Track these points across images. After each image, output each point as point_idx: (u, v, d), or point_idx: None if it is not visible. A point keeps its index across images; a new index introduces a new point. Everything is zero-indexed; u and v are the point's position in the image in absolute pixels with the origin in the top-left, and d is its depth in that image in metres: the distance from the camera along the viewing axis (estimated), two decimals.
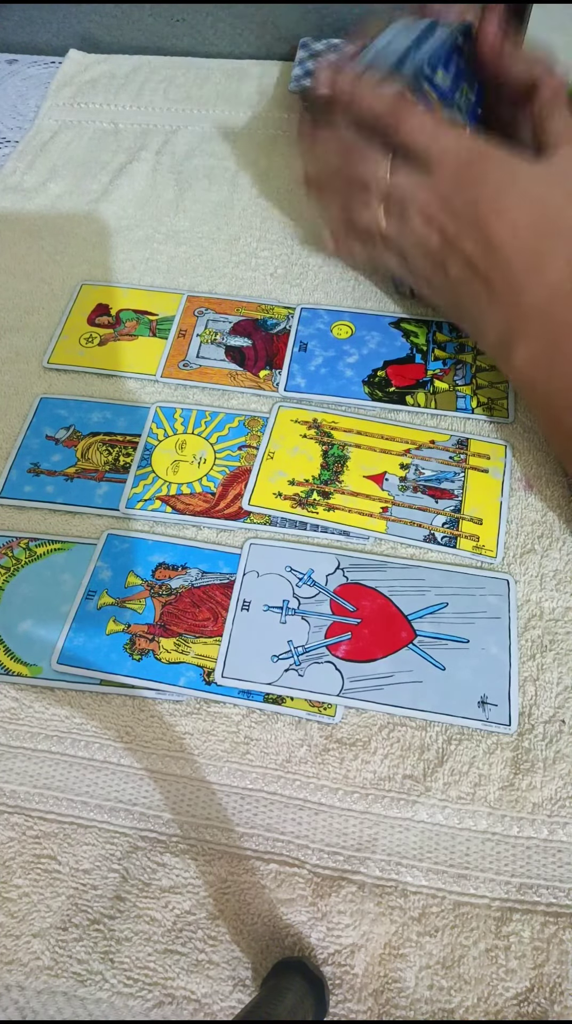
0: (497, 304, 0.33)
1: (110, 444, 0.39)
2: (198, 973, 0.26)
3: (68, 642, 0.33)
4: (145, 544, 0.36)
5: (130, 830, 0.29)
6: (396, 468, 0.37)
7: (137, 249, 0.48)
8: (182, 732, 0.31)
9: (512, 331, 0.33)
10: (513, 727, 0.30)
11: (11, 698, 0.32)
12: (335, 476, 0.37)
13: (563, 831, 0.28)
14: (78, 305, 0.45)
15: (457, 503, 0.36)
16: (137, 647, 0.33)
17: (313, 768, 0.30)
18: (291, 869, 0.28)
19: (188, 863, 0.28)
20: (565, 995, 0.26)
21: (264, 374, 0.41)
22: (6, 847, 0.29)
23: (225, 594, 0.34)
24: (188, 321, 0.44)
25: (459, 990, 0.26)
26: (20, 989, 0.26)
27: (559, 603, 0.33)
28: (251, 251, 0.47)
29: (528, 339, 0.33)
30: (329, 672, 0.31)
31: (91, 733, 0.31)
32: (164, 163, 0.53)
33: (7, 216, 0.50)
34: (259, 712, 0.31)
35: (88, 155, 0.54)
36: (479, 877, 0.28)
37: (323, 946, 0.27)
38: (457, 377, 0.40)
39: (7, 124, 0.57)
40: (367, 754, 0.30)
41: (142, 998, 0.26)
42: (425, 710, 0.30)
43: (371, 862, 0.28)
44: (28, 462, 0.38)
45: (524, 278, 0.32)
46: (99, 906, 0.28)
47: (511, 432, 0.38)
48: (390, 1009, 0.26)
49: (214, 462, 0.38)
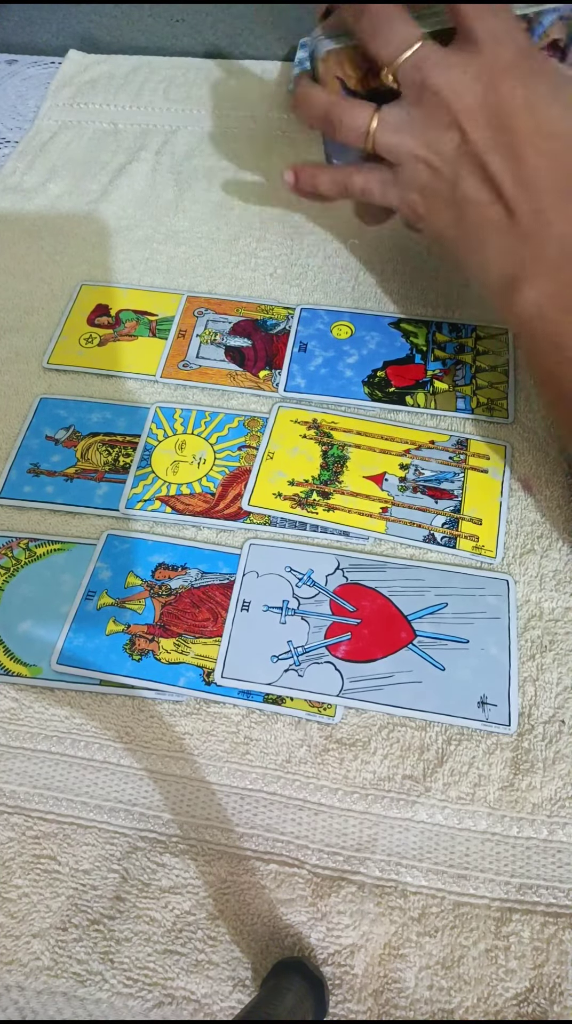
0: (513, 235, 0.29)
1: (110, 444, 0.39)
2: (198, 973, 0.26)
3: (68, 642, 0.33)
4: (145, 544, 0.36)
5: (130, 830, 0.29)
6: (396, 468, 0.37)
7: (137, 249, 0.48)
8: (182, 732, 0.31)
9: (525, 267, 0.29)
10: (513, 727, 0.30)
11: (11, 698, 0.32)
12: (335, 476, 0.37)
13: (563, 831, 0.28)
14: (78, 305, 0.45)
15: (457, 503, 0.36)
16: (137, 647, 0.33)
17: (313, 768, 0.30)
18: (291, 869, 0.28)
19: (188, 863, 0.28)
20: (565, 995, 0.26)
21: (264, 374, 0.41)
22: (6, 847, 0.29)
23: (225, 594, 0.34)
24: (188, 321, 0.44)
25: (459, 990, 0.26)
26: (20, 989, 0.26)
27: (559, 603, 0.33)
28: (251, 251, 0.47)
29: (543, 278, 0.29)
30: (329, 672, 0.31)
31: (91, 733, 0.31)
32: (164, 163, 0.53)
33: (7, 216, 0.50)
34: (259, 712, 0.31)
35: (88, 155, 0.54)
36: (479, 877, 0.28)
37: (323, 946, 0.27)
38: (457, 377, 0.40)
39: (7, 124, 0.57)
40: (367, 754, 0.30)
41: (142, 998, 0.26)
42: (425, 710, 0.30)
43: (371, 862, 0.28)
44: (28, 462, 0.38)
45: (555, 210, 0.28)
46: (99, 906, 0.28)
47: (511, 432, 0.38)
48: (390, 1009, 0.26)
49: (214, 462, 0.38)
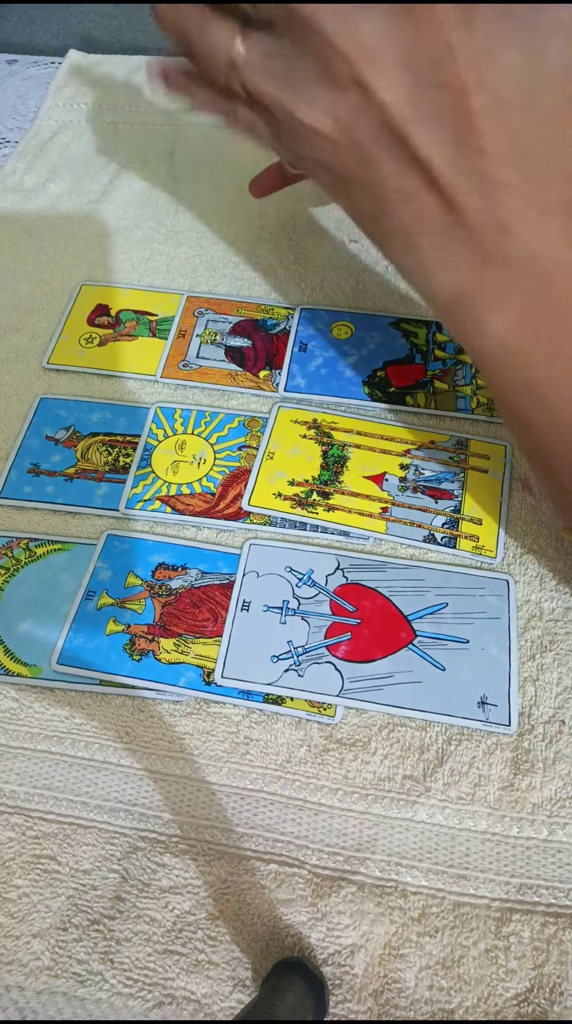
0: (461, 241, 0.21)
1: (110, 444, 0.39)
2: (198, 973, 0.26)
3: (68, 642, 0.33)
4: (145, 544, 0.36)
5: (130, 830, 0.29)
6: (396, 468, 0.37)
7: (137, 249, 0.48)
8: (182, 732, 0.31)
9: (485, 290, 0.22)
10: (513, 727, 0.30)
11: (11, 698, 0.32)
12: (335, 476, 0.37)
13: (563, 831, 0.28)
14: (78, 305, 0.45)
15: (457, 503, 0.36)
16: (137, 647, 0.33)
17: (313, 768, 0.30)
18: (291, 869, 0.28)
19: (188, 863, 0.28)
20: (565, 995, 0.26)
21: (264, 374, 0.41)
22: (6, 847, 0.29)
23: (225, 594, 0.34)
24: (188, 321, 0.44)
25: (459, 990, 0.26)
26: (20, 989, 0.26)
27: (559, 603, 0.33)
28: (251, 251, 0.47)
29: (511, 309, 0.22)
30: (329, 672, 0.31)
31: (91, 733, 0.31)
32: (164, 163, 0.53)
33: (7, 216, 0.50)
34: (259, 712, 0.31)
35: (88, 155, 0.54)
36: (479, 877, 0.28)
37: (323, 946, 0.27)
38: (457, 377, 0.40)
39: (7, 124, 0.57)
40: (367, 754, 0.30)
41: (142, 998, 0.26)
42: (425, 710, 0.30)
43: (371, 862, 0.28)
44: (28, 462, 0.38)
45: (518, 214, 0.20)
46: (99, 906, 0.28)
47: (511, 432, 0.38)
48: (390, 1009, 0.26)
49: (214, 462, 0.38)
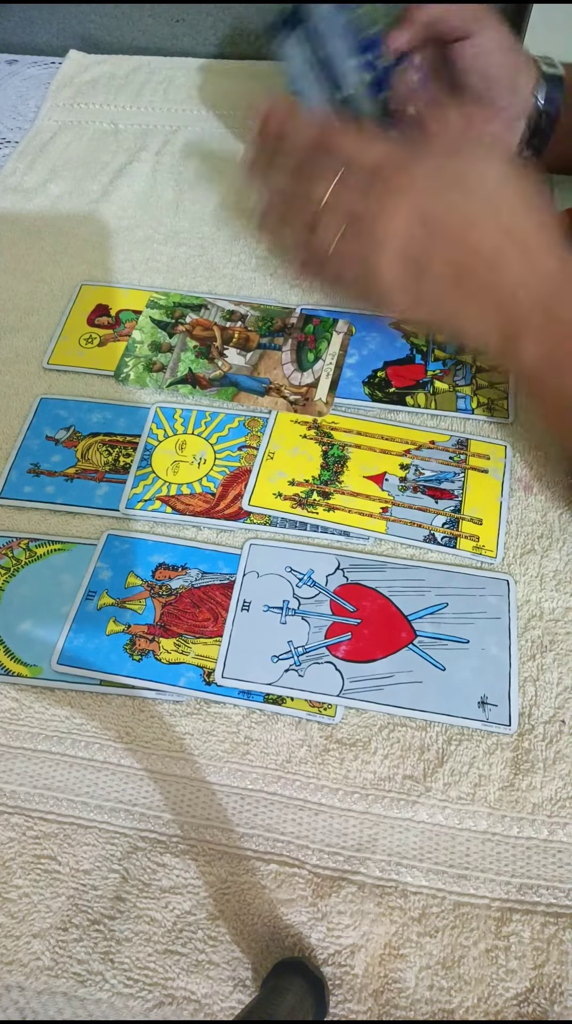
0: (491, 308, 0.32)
1: (110, 444, 0.39)
2: (198, 973, 0.26)
3: (68, 642, 0.33)
4: (145, 544, 0.36)
5: (130, 830, 0.29)
6: (396, 468, 0.37)
7: (137, 249, 0.48)
8: (182, 732, 0.31)
9: (515, 330, 0.32)
10: (513, 727, 0.30)
11: (11, 698, 0.32)
12: (335, 476, 0.37)
13: (563, 831, 0.28)
14: (78, 305, 0.45)
15: (457, 503, 0.36)
16: (137, 647, 0.33)
17: (313, 768, 0.30)
18: (291, 869, 0.28)
19: (188, 863, 0.28)
20: (565, 995, 0.26)
21: None
22: (6, 847, 0.29)
23: (225, 594, 0.34)
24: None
25: (459, 990, 0.26)
26: (20, 989, 0.26)
27: (559, 603, 0.33)
28: (251, 251, 0.47)
29: (532, 337, 0.32)
30: (329, 672, 0.31)
31: (91, 734, 0.31)
32: (164, 163, 0.53)
33: (7, 216, 0.50)
34: (259, 712, 0.31)
35: (88, 155, 0.54)
36: (479, 877, 0.28)
37: (323, 946, 0.27)
38: (457, 377, 0.40)
39: (7, 124, 0.57)
40: (367, 754, 0.30)
41: (142, 998, 0.26)
42: (425, 710, 0.30)
43: (371, 862, 0.28)
44: (28, 462, 0.38)
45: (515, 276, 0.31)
46: (99, 906, 0.28)
47: (511, 432, 0.38)
48: (390, 1009, 0.26)
49: (214, 462, 0.38)
